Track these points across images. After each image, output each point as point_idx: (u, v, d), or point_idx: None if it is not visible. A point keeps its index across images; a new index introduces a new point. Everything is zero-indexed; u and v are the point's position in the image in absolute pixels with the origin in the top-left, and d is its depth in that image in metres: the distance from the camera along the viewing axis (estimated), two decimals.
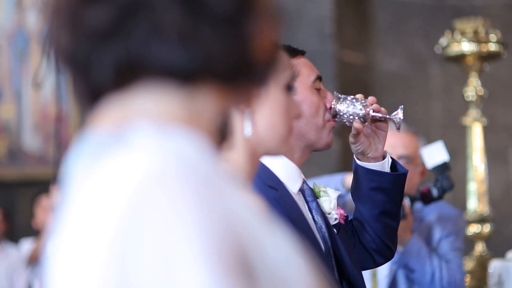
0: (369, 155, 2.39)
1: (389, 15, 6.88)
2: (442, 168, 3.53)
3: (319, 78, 2.31)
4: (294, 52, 2.29)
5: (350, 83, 6.51)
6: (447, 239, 3.51)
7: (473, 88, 5.30)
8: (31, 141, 7.98)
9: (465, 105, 5.37)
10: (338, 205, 2.33)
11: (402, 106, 2.44)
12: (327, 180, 3.45)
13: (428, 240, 3.50)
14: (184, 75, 1.01)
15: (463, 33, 5.18)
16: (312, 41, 6.29)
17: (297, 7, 6.42)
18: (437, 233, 3.52)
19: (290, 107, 1.87)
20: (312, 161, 2.37)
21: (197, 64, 1.00)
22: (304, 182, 2.27)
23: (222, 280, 0.89)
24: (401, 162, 3.48)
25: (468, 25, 5.20)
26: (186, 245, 0.89)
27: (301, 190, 2.26)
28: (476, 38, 5.14)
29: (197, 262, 0.89)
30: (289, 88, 1.87)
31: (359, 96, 2.40)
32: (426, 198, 3.48)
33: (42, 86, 7.35)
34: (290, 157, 2.24)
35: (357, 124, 2.36)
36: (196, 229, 0.90)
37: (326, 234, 2.22)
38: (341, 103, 2.34)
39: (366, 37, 6.91)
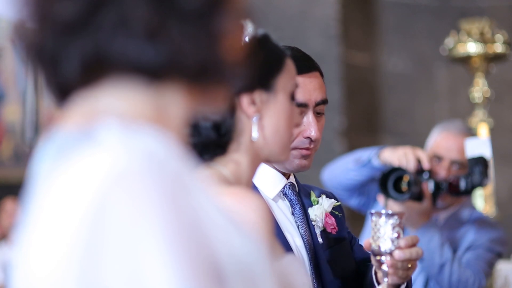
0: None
1: (395, 16, 6.86)
2: (478, 162, 3.29)
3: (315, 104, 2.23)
4: (307, 69, 2.27)
5: (356, 84, 6.49)
6: (475, 250, 3.33)
7: (479, 89, 5.29)
8: (37, 142, 7.97)
9: (471, 107, 5.35)
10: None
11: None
12: (360, 153, 3.37)
13: (456, 245, 3.37)
14: (151, 72, 1.00)
15: (469, 34, 5.16)
16: (317, 42, 6.27)
17: (302, 8, 6.41)
18: (466, 242, 3.39)
19: (293, 116, 1.90)
20: (314, 163, 2.34)
21: (164, 61, 0.99)
22: (287, 186, 2.26)
23: (188, 277, 0.88)
24: (453, 168, 3.40)
25: (474, 25, 5.18)
26: (151, 241, 0.89)
27: (285, 194, 2.25)
28: (482, 39, 5.12)
29: (163, 259, 0.88)
30: (292, 97, 1.89)
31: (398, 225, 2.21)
32: (453, 189, 3.31)
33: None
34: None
35: (367, 244, 2.22)
36: (161, 226, 0.89)
37: (305, 241, 2.20)
38: (382, 217, 2.14)
39: (371, 38, 6.89)
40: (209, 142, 1.80)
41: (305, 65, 2.16)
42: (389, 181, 3.12)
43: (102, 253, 0.89)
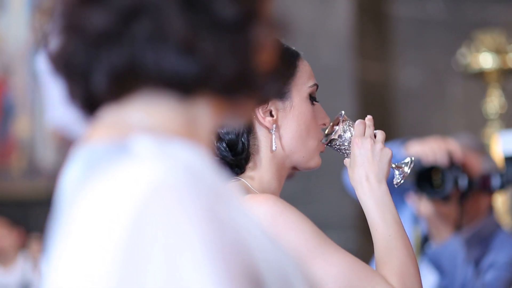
0: None
1: (408, 29, 6.84)
2: None
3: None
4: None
5: (370, 97, 6.46)
6: (495, 271, 3.25)
7: (494, 103, 5.24)
8: (47, 156, 7.95)
9: (487, 121, 5.31)
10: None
11: (413, 159, 1.98)
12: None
13: (478, 263, 3.27)
14: (184, 86, 0.98)
15: (483, 44, 5.12)
16: (330, 55, 6.24)
17: (315, 20, 6.39)
18: (487, 261, 3.28)
19: (317, 117, 1.85)
20: (329, 176, 2.27)
21: (198, 74, 0.97)
22: None
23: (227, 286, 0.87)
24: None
25: (488, 35, 5.14)
26: (190, 254, 0.87)
27: None
28: (496, 50, 5.08)
29: (203, 272, 0.87)
30: (311, 98, 1.83)
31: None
32: (486, 184, 3.15)
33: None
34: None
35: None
36: (200, 238, 0.88)
37: None
38: (336, 139, 1.93)
39: (385, 51, 6.86)
40: (226, 162, 1.77)
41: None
42: (422, 178, 3.02)
43: (141, 268, 0.87)
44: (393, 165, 1.92)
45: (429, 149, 3.06)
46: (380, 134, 1.88)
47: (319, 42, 6.34)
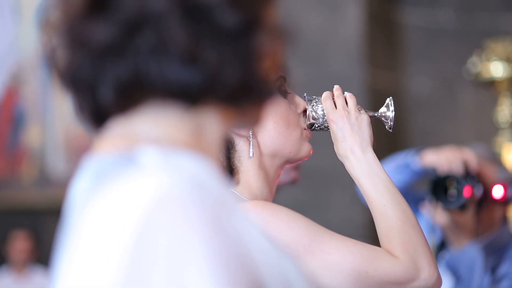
0: None
1: (419, 38, 6.83)
2: None
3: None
4: None
5: (379, 105, 6.44)
6: (510, 281, 3.22)
7: (505, 111, 5.23)
8: (58, 165, 7.96)
9: (498, 129, 5.29)
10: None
11: (391, 98, 2.00)
12: (398, 158, 3.21)
13: (494, 268, 3.23)
14: (189, 96, 0.99)
15: (494, 53, 5.12)
16: (339, 63, 6.23)
17: (324, 29, 6.38)
18: (502, 271, 3.23)
19: (295, 106, 1.84)
20: (332, 179, 2.26)
21: (202, 84, 0.98)
22: None
23: None
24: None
25: (499, 45, 5.14)
26: (194, 265, 0.88)
27: None
28: (507, 58, 5.07)
29: (207, 282, 0.87)
30: (282, 91, 1.82)
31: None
32: (502, 196, 3.08)
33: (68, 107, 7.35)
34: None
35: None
36: (204, 249, 0.88)
37: None
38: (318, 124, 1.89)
39: (395, 60, 6.85)
40: None
41: None
42: (437, 187, 3.01)
43: (145, 277, 0.88)
44: (377, 115, 1.93)
45: (445, 159, 3.04)
46: (350, 100, 1.88)
47: (329, 50, 6.34)
